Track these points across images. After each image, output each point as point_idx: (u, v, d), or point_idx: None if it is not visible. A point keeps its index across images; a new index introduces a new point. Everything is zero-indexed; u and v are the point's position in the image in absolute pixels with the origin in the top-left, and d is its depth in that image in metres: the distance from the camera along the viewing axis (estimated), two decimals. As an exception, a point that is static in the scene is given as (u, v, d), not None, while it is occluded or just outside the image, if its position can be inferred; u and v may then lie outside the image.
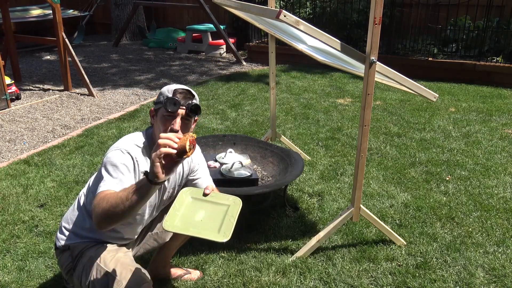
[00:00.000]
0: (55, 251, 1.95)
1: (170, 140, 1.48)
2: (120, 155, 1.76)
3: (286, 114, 5.13)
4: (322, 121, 4.87)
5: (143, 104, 5.50)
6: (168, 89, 1.82)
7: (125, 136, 1.88)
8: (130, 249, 1.99)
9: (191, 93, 1.83)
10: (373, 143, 4.26)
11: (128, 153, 1.77)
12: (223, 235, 1.59)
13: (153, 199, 1.94)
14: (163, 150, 1.47)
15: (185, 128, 1.81)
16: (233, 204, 1.75)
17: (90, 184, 1.93)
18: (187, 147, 1.51)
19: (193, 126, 1.88)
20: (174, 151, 1.48)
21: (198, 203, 1.74)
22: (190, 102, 1.79)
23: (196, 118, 1.88)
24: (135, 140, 1.84)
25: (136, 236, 2.06)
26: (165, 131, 1.75)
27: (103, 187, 1.67)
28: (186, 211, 1.69)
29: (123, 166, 1.74)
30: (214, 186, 2.02)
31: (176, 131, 1.76)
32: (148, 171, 1.50)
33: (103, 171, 1.74)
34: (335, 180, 3.54)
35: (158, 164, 1.47)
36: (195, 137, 1.60)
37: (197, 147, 2.10)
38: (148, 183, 1.49)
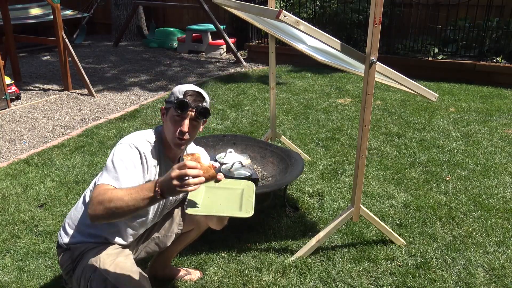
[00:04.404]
0: (57, 249, 1.94)
1: (198, 177, 1.49)
2: (127, 149, 1.77)
3: (286, 114, 5.13)
4: (322, 121, 4.87)
5: (143, 104, 5.50)
6: (179, 90, 1.84)
7: (135, 132, 1.90)
8: (131, 252, 1.98)
9: (202, 95, 1.85)
10: (373, 143, 4.26)
11: (136, 147, 1.78)
12: (246, 212, 1.70)
13: (157, 204, 1.95)
14: (192, 181, 1.48)
15: (193, 130, 1.84)
16: (247, 187, 1.86)
17: (97, 180, 1.93)
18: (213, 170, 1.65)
19: (201, 128, 1.92)
20: (196, 187, 1.50)
21: (213, 189, 1.83)
22: (200, 104, 1.81)
23: (205, 120, 1.91)
24: (145, 135, 1.87)
25: (136, 238, 2.06)
26: (174, 132, 1.80)
27: (104, 179, 1.68)
28: (204, 197, 1.79)
29: (129, 160, 1.74)
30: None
31: (185, 133, 1.80)
32: (161, 180, 1.51)
33: (108, 163, 1.74)
34: (335, 180, 3.54)
35: (182, 190, 1.48)
36: (216, 175, 1.69)
37: (203, 150, 2.14)
38: (155, 196, 1.50)
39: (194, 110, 1.80)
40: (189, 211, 1.72)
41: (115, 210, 1.55)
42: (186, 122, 1.80)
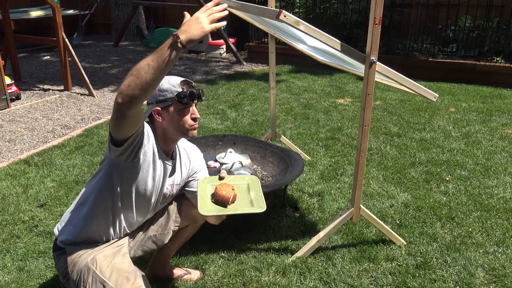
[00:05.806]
0: (53, 253, 1.93)
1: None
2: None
3: (286, 114, 5.13)
4: (322, 121, 4.87)
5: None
6: (172, 84, 1.87)
7: None
8: (128, 251, 1.97)
9: (189, 80, 1.94)
10: (373, 143, 4.26)
11: (148, 136, 1.82)
12: (258, 207, 1.75)
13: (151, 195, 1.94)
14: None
15: None
16: (252, 182, 1.91)
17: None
18: (230, 201, 1.76)
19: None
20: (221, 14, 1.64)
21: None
22: (197, 89, 1.92)
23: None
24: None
25: (133, 235, 2.06)
26: (187, 122, 1.88)
27: None
28: (211, 195, 1.83)
29: (134, 134, 1.75)
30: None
31: (199, 118, 1.91)
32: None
33: None
34: (335, 180, 3.53)
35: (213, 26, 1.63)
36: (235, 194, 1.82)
37: (198, 150, 2.14)
38: (174, 40, 1.61)
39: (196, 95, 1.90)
40: (203, 212, 1.75)
41: (140, 71, 1.56)
42: (195, 108, 1.91)
